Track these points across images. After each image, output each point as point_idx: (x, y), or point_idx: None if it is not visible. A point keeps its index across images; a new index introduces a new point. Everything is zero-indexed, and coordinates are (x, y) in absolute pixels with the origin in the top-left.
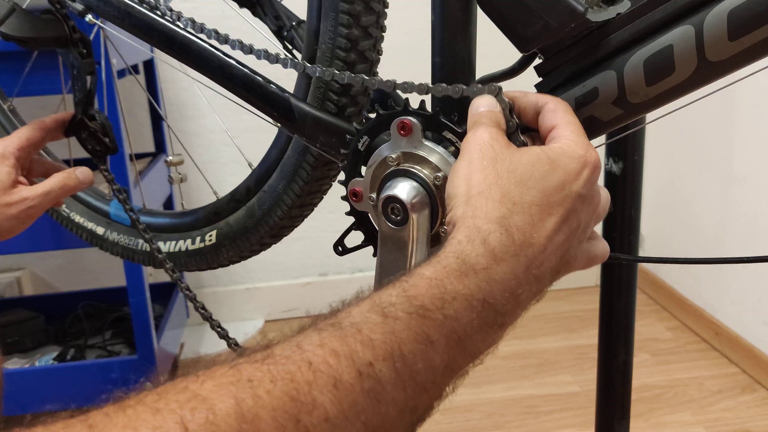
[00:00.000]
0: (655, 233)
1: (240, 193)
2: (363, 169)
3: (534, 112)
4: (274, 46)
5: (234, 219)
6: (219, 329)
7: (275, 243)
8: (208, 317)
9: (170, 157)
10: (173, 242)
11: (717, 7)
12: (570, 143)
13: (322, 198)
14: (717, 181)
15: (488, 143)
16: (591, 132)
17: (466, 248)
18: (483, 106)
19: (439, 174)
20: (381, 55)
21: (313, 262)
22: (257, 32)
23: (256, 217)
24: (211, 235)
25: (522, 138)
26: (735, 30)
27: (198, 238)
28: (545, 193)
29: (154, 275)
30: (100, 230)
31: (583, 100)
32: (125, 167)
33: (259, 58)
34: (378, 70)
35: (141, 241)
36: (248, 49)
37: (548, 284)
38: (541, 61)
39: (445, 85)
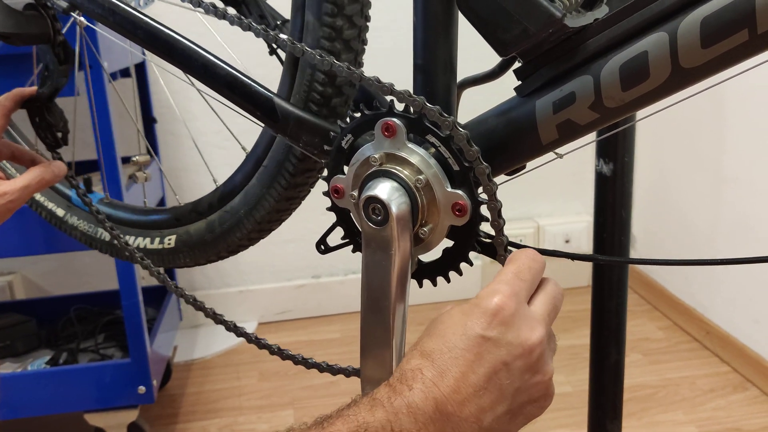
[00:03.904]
0: (646, 233)
1: (202, 206)
2: (345, 168)
3: None
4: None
5: (194, 229)
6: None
7: (231, 256)
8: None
9: (136, 157)
10: (131, 237)
11: (690, 15)
12: (483, 291)
13: (280, 224)
14: (708, 181)
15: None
16: (568, 135)
17: (376, 390)
18: None
19: (420, 177)
20: (366, 44)
21: (306, 264)
22: (246, 32)
23: (216, 233)
24: (170, 239)
25: None
26: (708, 37)
27: (157, 240)
28: (446, 340)
29: (146, 278)
30: (60, 212)
31: (561, 104)
32: (117, 170)
33: (257, 35)
34: (364, 71)
35: (101, 229)
36: (247, 25)
37: (497, 428)
38: (520, 64)
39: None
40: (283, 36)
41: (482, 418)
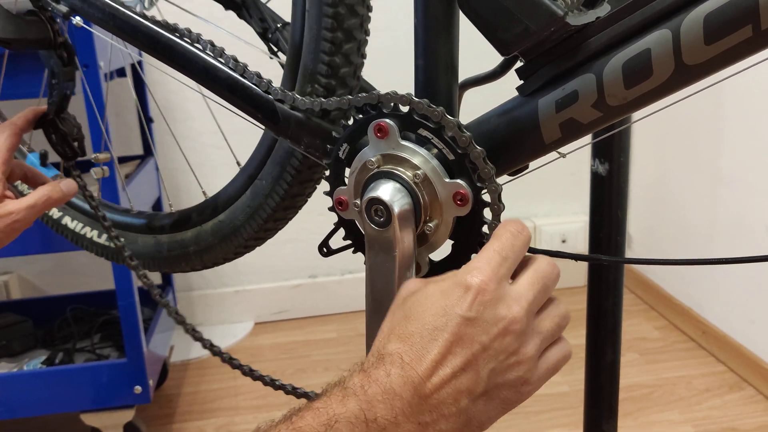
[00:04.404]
0: (643, 233)
1: (155, 224)
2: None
3: None
4: (260, 50)
5: (143, 242)
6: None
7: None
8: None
9: (95, 154)
10: (80, 224)
11: (693, 12)
12: (463, 270)
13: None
14: (705, 181)
15: (403, 289)
16: (571, 135)
17: (347, 377)
18: None
19: (418, 172)
20: (368, 35)
21: (303, 263)
22: (245, 34)
23: (162, 255)
24: (119, 241)
25: None
26: (711, 34)
27: (105, 236)
28: (423, 321)
29: None
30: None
31: (563, 103)
32: (113, 170)
33: (251, 81)
34: (364, 71)
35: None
36: (241, 69)
37: (474, 411)
38: (522, 64)
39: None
40: (276, 87)
41: (460, 399)
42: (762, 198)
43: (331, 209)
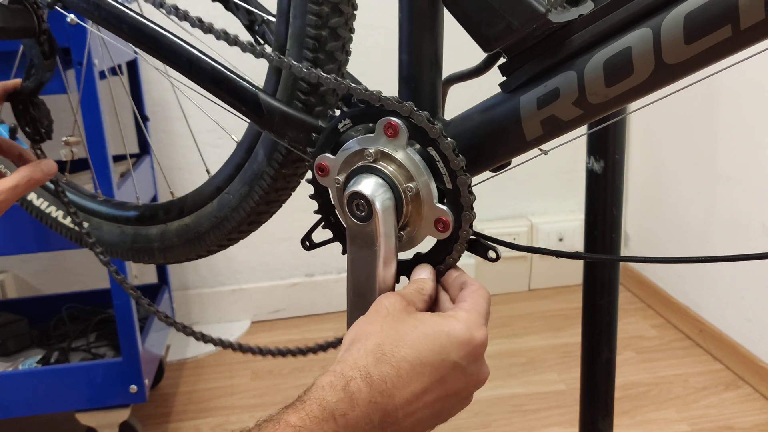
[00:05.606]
0: (640, 231)
1: (121, 214)
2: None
3: (459, 289)
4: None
5: (107, 229)
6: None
7: None
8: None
9: (66, 137)
10: (46, 202)
11: (674, 11)
12: (467, 316)
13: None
14: (702, 179)
15: (389, 303)
16: (553, 132)
17: (328, 395)
18: (415, 277)
19: (411, 185)
20: (353, 33)
21: (300, 262)
22: (231, 26)
23: (126, 245)
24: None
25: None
26: (691, 33)
27: (68, 219)
28: (419, 352)
29: (138, 277)
30: None
31: (545, 100)
32: (108, 167)
33: (244, 51)
34: (353, 67)
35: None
36: (233, 41)
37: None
38: (504, 60)
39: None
40: (268, 49)
41: (415, 429)
42: (758, 196)
43: (308, 181)
